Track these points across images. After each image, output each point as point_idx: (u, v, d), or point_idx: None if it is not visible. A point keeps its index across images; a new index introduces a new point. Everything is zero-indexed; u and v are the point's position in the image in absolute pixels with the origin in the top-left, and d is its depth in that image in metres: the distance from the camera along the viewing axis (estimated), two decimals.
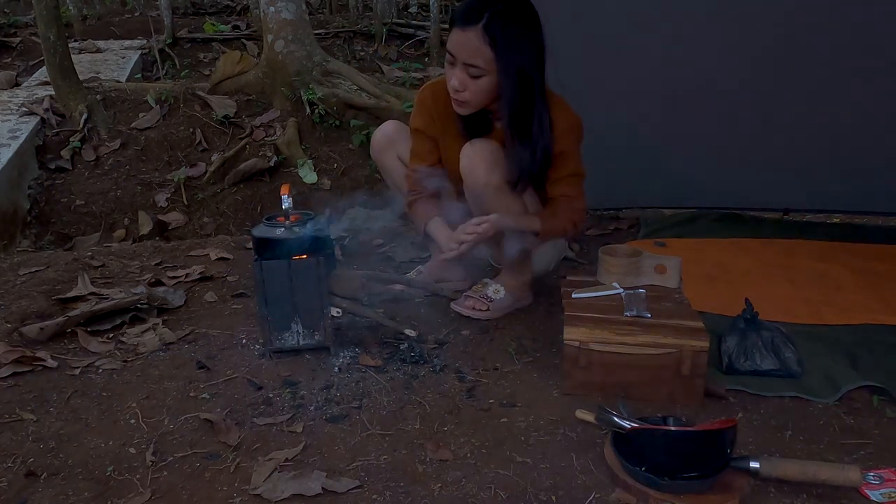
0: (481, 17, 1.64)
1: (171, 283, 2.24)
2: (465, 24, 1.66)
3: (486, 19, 1.64)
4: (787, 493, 1.29)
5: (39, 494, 1.30)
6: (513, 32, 1.67)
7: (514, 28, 1.67)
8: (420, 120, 1.97)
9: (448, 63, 1.75)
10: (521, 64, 1.70)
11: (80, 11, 8.55)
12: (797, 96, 2.58)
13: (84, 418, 1.54)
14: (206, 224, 4.12)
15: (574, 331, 1.58)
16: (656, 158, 2.72)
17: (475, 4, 1.67)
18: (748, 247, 2.59)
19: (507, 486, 1.30)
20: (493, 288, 2.01)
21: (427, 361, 1.76)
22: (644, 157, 2.69)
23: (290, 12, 4.98)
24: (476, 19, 1.65)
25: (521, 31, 1.69)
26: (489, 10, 1.65)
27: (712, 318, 1.80)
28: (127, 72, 6.30)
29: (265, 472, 1.34)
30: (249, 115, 4.78)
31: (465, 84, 1.73)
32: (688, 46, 2.47)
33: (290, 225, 1.73)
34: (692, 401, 1.56)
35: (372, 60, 7.36)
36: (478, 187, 1.82)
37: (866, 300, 2.11)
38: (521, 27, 1.69)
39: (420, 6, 9.71)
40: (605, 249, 1.88)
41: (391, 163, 2.08)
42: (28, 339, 1.86)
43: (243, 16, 8.94)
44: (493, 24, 1.64)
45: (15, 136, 4.20)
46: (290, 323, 1.74)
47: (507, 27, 1.66)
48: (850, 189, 2.79)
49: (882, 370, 1.67)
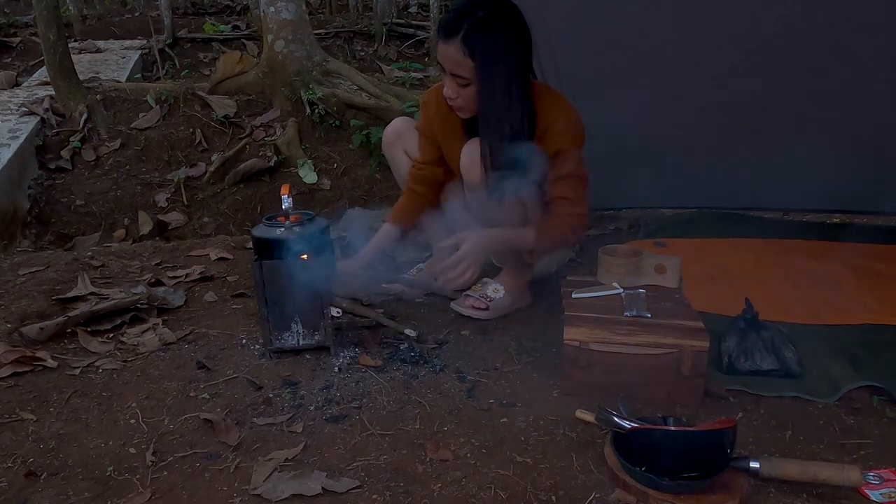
0: (460, 28, 1.66)
1: (171, 283, 2.24)
2: (446, 36, 1.69)
3: (464, 31, 1.66)
4: (787, 493, 1.29)
5: (39, 494, 1.30)
6: (492, 41, 1.68)
7: (493, 36, 1.67)
8: (421, 122, 2.04)
9: (441, 72, 1.78)
10: (502, 71, 1.71)
11: (80, 11, 8.55)
12: (797, 96, 2.57)
13: (84, 418, 1.54)
14: (206, 224, 4.12)
15: (574, 331, 1.58)
16: (656, 158, 2.72)
17: (455, 16, 1.68)
18: (748, 247, 2.59)
19: (507, 486, 1.30)
20: (492, 287, 2.02)
21: (427, 361, 1.76)
22: (644, 157, 2.69)
23: (290, 12, 4.98)
24: (456, 31, 1.67)
25: (501, 38, 1.69)
26: (467, 21, 1.66)
27: (712, 318, 1.80)
28: (127, 72, 6.30)
29: (265, 472, 1.34)
30: (249, 115, 4.78)
31: (456, 92, 1.76)
32: (688, 46, 2.46)
33: (290, 225, 1.73)
34: (692, 401, 1.56)
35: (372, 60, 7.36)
36: (477, 185, 1.83)
37: (866, 300, 2.11)
38: (501, 33, 1.69)
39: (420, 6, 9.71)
40: (605, 249, 1.88)
41: (398, 157, 2.15)
42: (28, 339, 1.86)
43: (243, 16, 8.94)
44: (471, 35, 1.66)
45: (15, 136, 4.20)
46: (290, 323, 1.74)
47: (486, 37, 1.67)
48: (849, 189, 2.79)
49: (882, 370, 1.67)
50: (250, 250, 2.49)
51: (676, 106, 2.64)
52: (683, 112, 2.65)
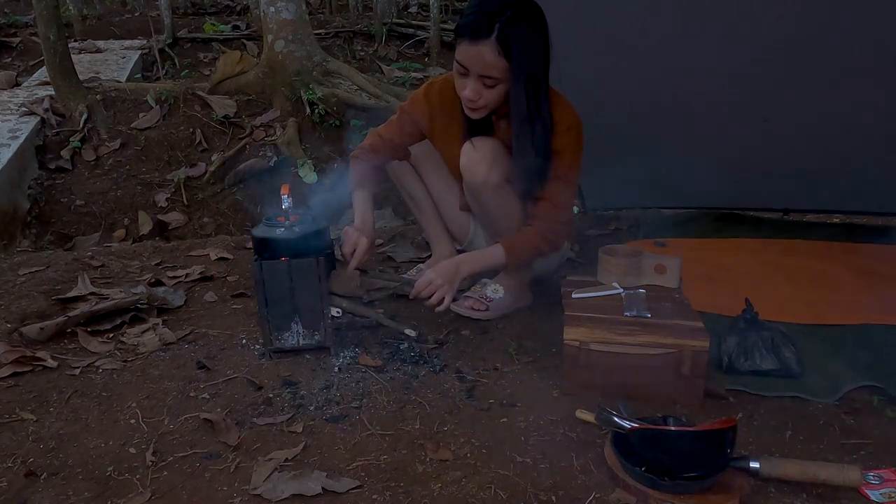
0: (492, 29, 1.62)
1: (171, 283, 2.24)
2: (475, 37, 1.63)
3: (497, 31, 1.62)
4: (787, 493, 1.29)
5: (39, 494, 1.30)
6: (523, 39, 1.65)
7: (524, 34, 1.65)
8: (414, 107, 1.96)
9: (458, 73, 1.71)
10: (532, 67, 1.69)
11: (80, 11, 8.55)
12: (797, 96, 2.57)
13: (84, 418, 1.54)
14: (206, 224, 4.12)
15: (574, 331, 1.58)
16: (656, 158, 2.71)
17: (481, 16, 1.63)
18: (748, 247, 2.59)
19: (507, 486, 1.30)
20: (492, 288, 2.01)
21: (427, 361, 1.76)
22: (644, 157, 2.68)
23: (290, 12, 4.99)
24: (487, 32, 1.62)
25: (532, 35, 1.67)
26: (498, 20, 1.62)
27: (712, 318, 1.80)
28: (127, 72, 6.30)
29: (265, 472, 1.34)
30: (249, 115, 4.78)
31: (479, 93, 1.71)
32: (688, 46, 2.46)
33: (290, 225, 1.73)
34: (692, 401, 1.56)
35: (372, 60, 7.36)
36: (477, 184, 1.82)
37: (866, 300, 2.11)
38: (532, 31, 1.67)
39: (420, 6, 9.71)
40: (605, 249, 1.88)
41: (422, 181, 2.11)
42: (28, 339, 1.86)
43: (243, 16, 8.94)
44: (504, 35, 1.62)
45: (15, 136, 4.20)
46: (290, 323, 1.74)
47: (518, 35, 1.64)
48: (850, 189, 2.79)
49: (882, 370, 1.67)
50: (250, 250, 2.49)
51: (676, 106, 2.64)
52: (683, 112, 2.65)
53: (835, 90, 2.52)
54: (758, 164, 2.76)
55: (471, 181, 1.84)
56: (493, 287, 2.01)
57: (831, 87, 2.51)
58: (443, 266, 1.81)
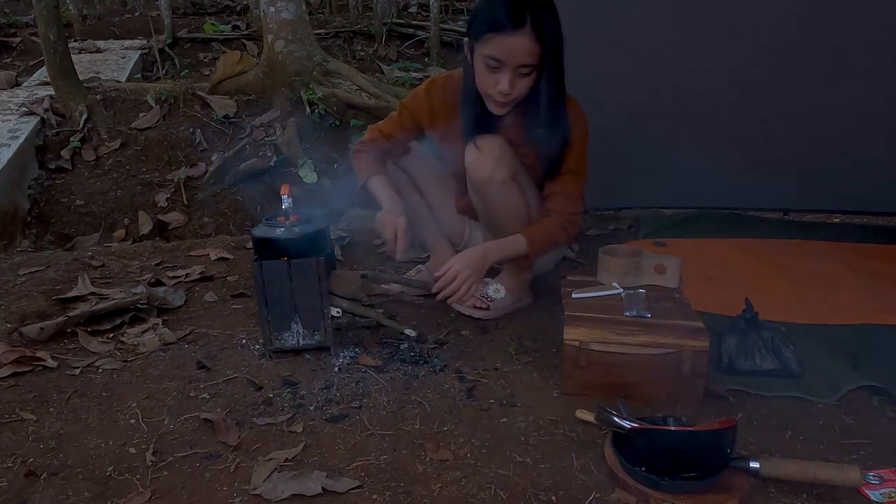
0: (525, 17, 1.64)
1: (171, 283, 2.24)
2: (514, 27, 1.64)
3: (531, 18, 1.64)
4: (787, 493, 1.29)
5: (39, 494, 1.30)
6: (555, 25, 1.68)
7: (550, 17, 1.68)
8: (416, 103, 1.96)
9: (490, 69, 1.70)
10: (559, 50, 1.71)
11: (80, 11, 8.54)
12: (797, 96, 2.57)
13: (84, 418, 1.54)
14: (206, 224, 4.12)
15: (574, 331, 1.58)
16: (656, 158, 2.72)
17: (516, 7, 1.64)
18: (748, 247, 2.59)
19: (507, 486, 1.30)
20: (493, 287, 2.01)
21: (427, 361, 1.76)
22: (644, 157, 2.69)
23: (290, 12, 4.99)
24: (522, 21, 1.64)
25: (554, 17, 1.69)
26: (528, 8, 1.64)
27: (712, 318, 1.80)
28: (127, 72, 6.30)
29: (265, 472, 1.34)
30: (249, 115, 4.78)
31: (514, 85, 1.70)
32: (688, 46, 2.47)
33: (290, 225, 1.73)
34: (692, 401, 1.56)
35: (372, 60, 7.36)
36: (482, 181, 1.82)
37: (866, 300, 2.11)
38: (553, 13, 1.69)
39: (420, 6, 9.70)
40: (605, 249, 1.88)
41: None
42: (28, 339, 1.86)
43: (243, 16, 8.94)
44: (537, 20, 1.64)
45: (15, 136, 4.20)
46: (290, 323, 1.74)
47: (549, 19, 1.67)
48: (850, 189, 2.79)
49: (882, 370, 1.67)
50: (250, 250, 2.49)
51: (676, 106, 2.65)
52: (683, 112, 2.65)
53: (835, 90, 2.52)
54: (758, 164, 2.76)
55: (476, 178, 1.84)
56: (495, 287, 2.01)
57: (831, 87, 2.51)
58: (468, 255, 1.80)
